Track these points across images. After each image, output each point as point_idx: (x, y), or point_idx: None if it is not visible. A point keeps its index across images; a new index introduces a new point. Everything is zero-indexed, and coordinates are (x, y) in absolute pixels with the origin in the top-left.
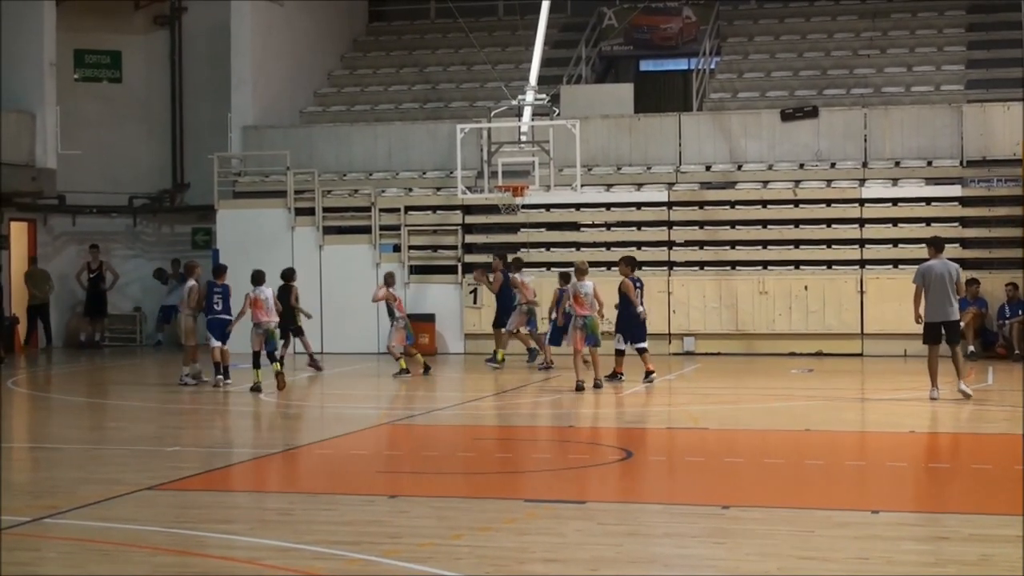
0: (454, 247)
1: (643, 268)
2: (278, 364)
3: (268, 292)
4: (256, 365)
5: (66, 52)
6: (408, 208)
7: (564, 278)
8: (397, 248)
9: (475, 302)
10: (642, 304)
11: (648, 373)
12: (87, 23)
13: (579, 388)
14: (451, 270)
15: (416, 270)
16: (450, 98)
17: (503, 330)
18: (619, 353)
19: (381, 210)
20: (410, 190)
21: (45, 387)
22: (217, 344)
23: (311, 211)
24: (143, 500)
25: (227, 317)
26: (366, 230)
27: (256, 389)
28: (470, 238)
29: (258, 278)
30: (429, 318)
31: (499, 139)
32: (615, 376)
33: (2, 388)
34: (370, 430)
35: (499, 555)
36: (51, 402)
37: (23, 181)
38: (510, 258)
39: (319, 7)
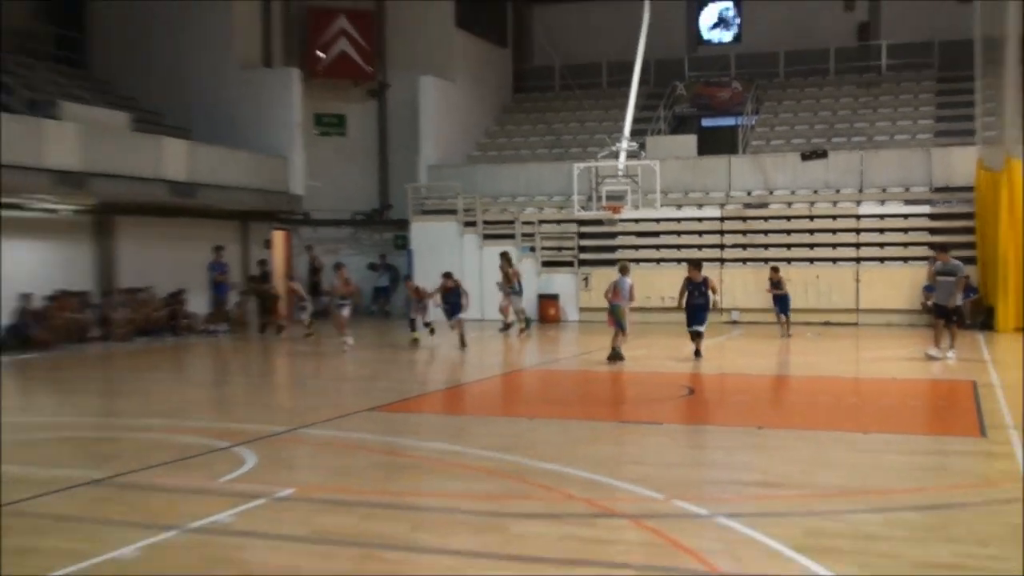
0: (572, 248)
1: (704, 264)
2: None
3: (627, 282)
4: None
5: (308, 115)
6: (540, 221)
7: (623, 270)
8: (533, 249)
9: (586, 286)
10: (704, 294)
11: (696, 352)
12: (323, 95)
13: (611, 357)
14: (570, 264)
15: (546, 264)
16: (569, 145)
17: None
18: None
19: (522, 223)
20: (541, 209)
21: (303, 343)
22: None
23: (474, 223)
24: (366, 417)
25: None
26: (511, 236)
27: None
28: (583, 242)
29: (623, 269)
30: (555, 297)
31: (603, 174)
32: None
33: (269, 343)
34: (514, 373)
35: (604, 458)
36: (309, 351)
37: (281, 203)
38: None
39: (480, 84)
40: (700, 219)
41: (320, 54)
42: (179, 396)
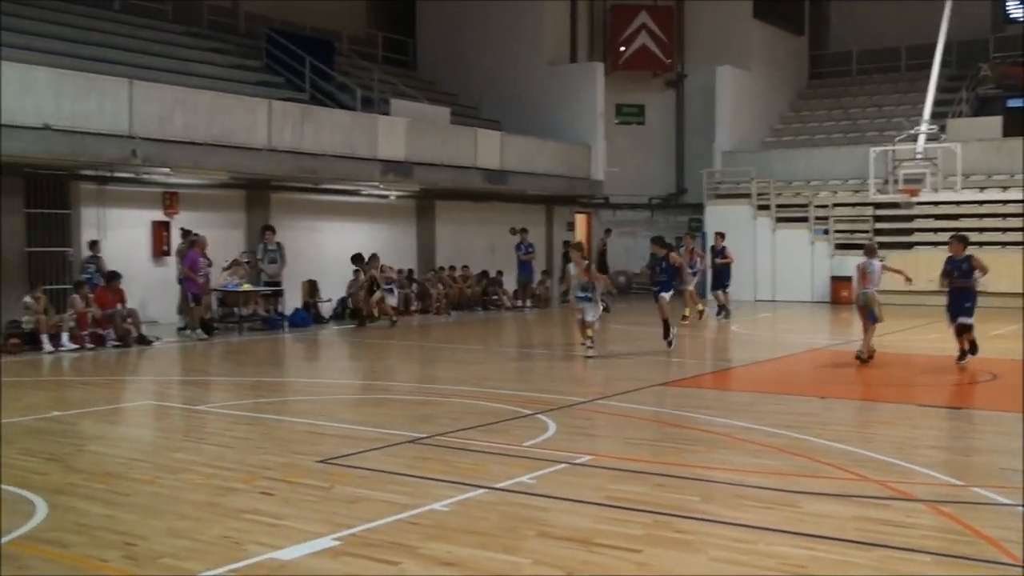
0: (867, 231)
1: (1008, 246)
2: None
3: (876, 264)
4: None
5: (610, 106)
6: (834, 204)
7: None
8: (826, 231)
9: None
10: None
11: (962, 353)
12: (623, 87)
13: (859, 358)
14: (863, 247)
15: (839, 247)
16: (865, 129)
17: None
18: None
19: (815, 206)
20: (835, 192)
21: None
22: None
23: (767, 207)
24: (659, 392)
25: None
26: (804, 219)
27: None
28: (878, 225)
29: (870, 251)
30: (847, 279)
31: (900, 157)
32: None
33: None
34: (804, 353)
35: (899, 440)
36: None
37: (582, 188)
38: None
39: (775, 71)
40: (1004, 202)
41: (622, 48)
42: (488, 366)
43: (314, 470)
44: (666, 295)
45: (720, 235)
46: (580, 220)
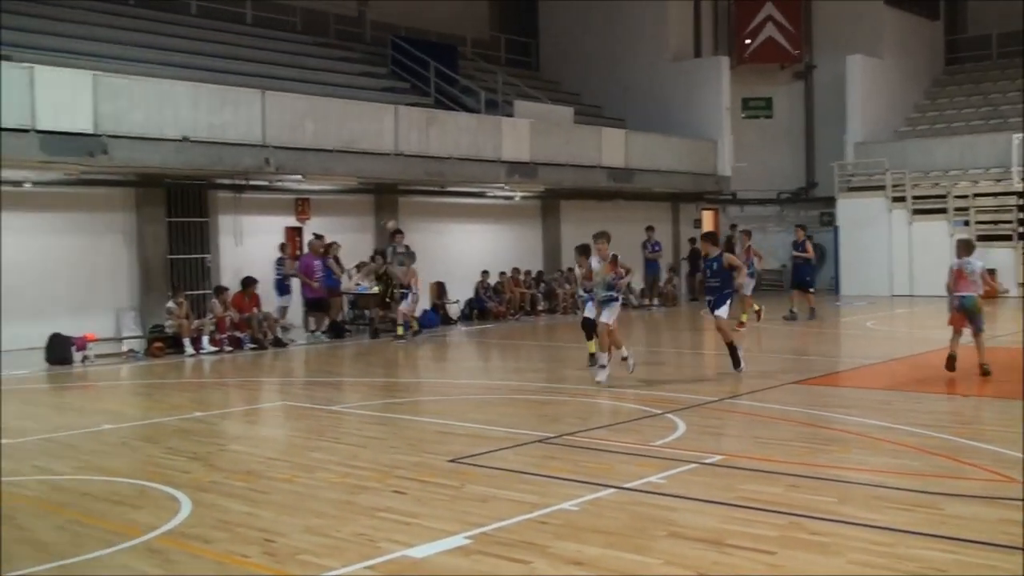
0: (1011, 221)
1: None
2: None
3: (976, 264)
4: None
5: (736, 99)
6: (975, 195)
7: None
8: (966, 223)
9: None
10: None
11: None
12: (749, 80)
13: (948, 364)
14: (1008, 238)
15: (980, 238)
16: (1007, 115)
17: None
18: None
19: (955, 196)
20: (976, 182)
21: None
22: None
23: (903, 199)
24: (790, 390)
25: None
26: (942, 211)
27: None
28: (1022, 215)
29: (966, 247)
30: (991, 271)
31: None
32: None
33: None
34: (943, 349)
35: None
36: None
37: (709, 184)
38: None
39: (909, 58)
40: None
41: (747, 41)
42: (615, 365)
43: (445, 469)
44: (723, 312)
45: (801, 228)
46: (707, 216)
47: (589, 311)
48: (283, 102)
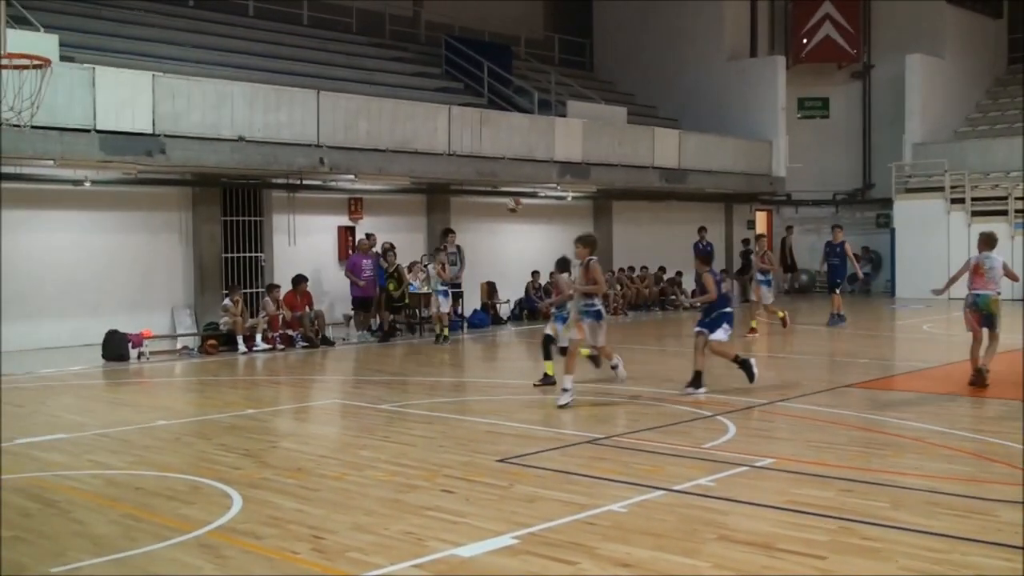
0: None
1: None
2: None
3: (997, 260)
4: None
5: (792, 99)
6: None
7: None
8: None
9: None
10: None
11: None
12: (805, 80)
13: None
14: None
15: None
16: None
17: None
18: None
19: (1015, 198)
20: None
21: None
22: None
23: (962, 200)
24: (844, 393)
25: None
26: (1003, 213)
27: None
28: None
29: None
30: None
31: None
32: None
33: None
34: (1002, 354)
35: None
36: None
37: (763, 185)
38: None
39: (970, 57)
40: None
41: (804, 40)
42: (667, 366)
43: (493, 469)
44: (720, 335)
45: (838, 228)
46: (761, 217)
47: (551, 328)
48: (337, 102)
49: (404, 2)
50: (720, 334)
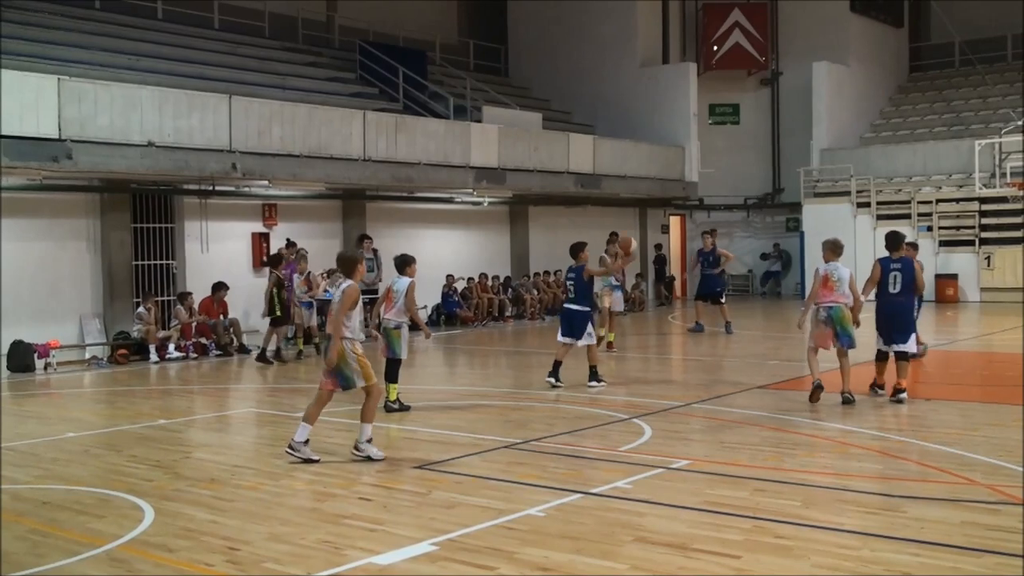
0: (972, 227)
1: None
2: None
3: (844, 271)
4: None
5: (703, 106)
6: (938, 200)
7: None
8: (930, 228)
9: (988, 265)
10: None
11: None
12: (716, 86)
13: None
14: (970, 243)
15: (944, 244)
16: (969, 122)
17: None
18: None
19: (918, 202)
20: (939, 188)
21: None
22: None
23: (867, 204)
24: (756, 395)
25: None
26: (906, 216)
27: None
28: (984, 220)
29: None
30: (953, 277)
31: (1008, 149)
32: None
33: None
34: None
35: (1010, 443)
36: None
37: (676, 190)
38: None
39: (874, 66)
40: None
41: (715, 47)
42: (582, 371)
43: (411, 476)
44: (591, 339)
45: (709, 234)
46: (674, 222)
47: (608, 298)
48: (250, 107)
49: (317, 4)
50: (592, 338)
